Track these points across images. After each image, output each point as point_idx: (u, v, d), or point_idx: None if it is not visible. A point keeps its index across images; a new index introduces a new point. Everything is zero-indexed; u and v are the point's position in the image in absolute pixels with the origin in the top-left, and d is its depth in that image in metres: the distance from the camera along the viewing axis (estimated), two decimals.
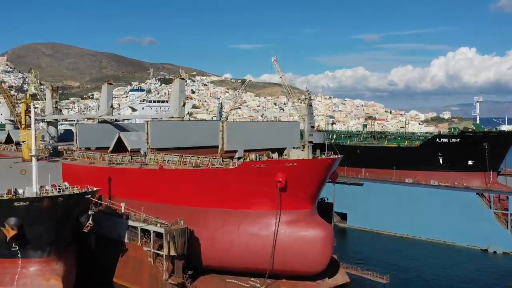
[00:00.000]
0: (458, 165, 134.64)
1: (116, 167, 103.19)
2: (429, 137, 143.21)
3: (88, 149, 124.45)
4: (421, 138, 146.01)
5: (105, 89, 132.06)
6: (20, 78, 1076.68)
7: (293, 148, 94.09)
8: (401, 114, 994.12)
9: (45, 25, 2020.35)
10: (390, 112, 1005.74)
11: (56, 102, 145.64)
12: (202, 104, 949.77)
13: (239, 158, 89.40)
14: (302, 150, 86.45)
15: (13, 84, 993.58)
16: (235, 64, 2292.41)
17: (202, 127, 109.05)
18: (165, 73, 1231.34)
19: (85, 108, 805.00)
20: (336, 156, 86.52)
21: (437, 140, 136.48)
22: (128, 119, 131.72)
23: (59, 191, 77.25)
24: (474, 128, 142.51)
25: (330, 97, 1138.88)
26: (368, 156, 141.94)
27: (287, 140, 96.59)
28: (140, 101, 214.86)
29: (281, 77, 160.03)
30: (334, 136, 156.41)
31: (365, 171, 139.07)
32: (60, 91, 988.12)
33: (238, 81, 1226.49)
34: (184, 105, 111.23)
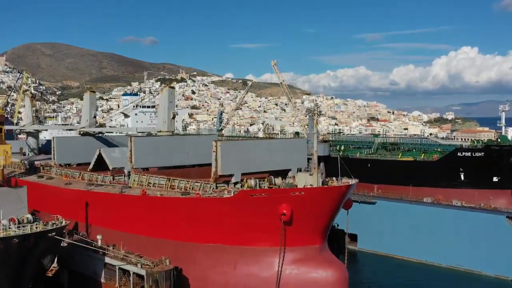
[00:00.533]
0: (481, 182, 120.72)
1: (94, 190, 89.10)
2: (449, 150, 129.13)
3: (69, 165, 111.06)
4: (438, 150, 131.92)
5: (87, 98, 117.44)
6: (19, 79, 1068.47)
7: (300, 171, 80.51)
8: (404, 115, 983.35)
9: (45, 25, 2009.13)
10: (393, 113, 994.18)
11: (36, 110, 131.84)
12: (203, 105, 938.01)
13: (235, 184, 75.76)
14: (311, 175, 72.66)
15: (12, 85, 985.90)
16: (237, 63, 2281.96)
17: (194, 143, 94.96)
18: (165, 73, 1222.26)
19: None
20: (351, 182, 73.05)
21: (458, 154, 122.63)
22: (110, 132, 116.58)
23: (18, 227, 63.15)
24: (499, 140, 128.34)
25: (332, 98, 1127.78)
26: (381, 170, 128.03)
27: (292, 161, 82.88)
28: (133, 106, 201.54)
29: (281, 82, 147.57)
30: (342, 148, 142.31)
31: (378, 188, 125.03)
32: (59, 92, 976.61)
33: (239, 81, 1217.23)
34: (174, 117, 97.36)
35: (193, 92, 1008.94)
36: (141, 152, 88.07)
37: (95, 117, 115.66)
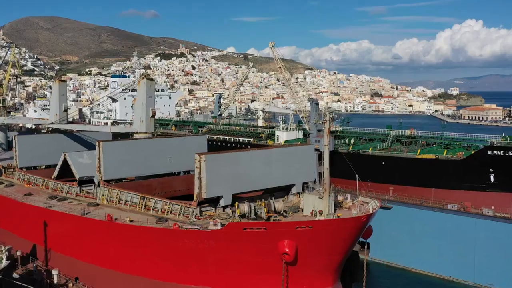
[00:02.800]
0: None
1: (54, 208, 72.53)
2: (475, 146, 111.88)
3: (35, 167, 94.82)
4: (463, 146, 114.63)
5: (56, 88, 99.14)
6: (16, 54, 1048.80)
7: (306, 187, 64.43)
8: (408, 90, 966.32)
9: None
10: (396, 88, 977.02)
11: (4, 100, 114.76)
12: (203, 81, 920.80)
13: (225, 208, 59.59)
14: (320, 197, 56.59)
15: (8, 60, 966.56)
16: (239, 37, 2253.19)
17: (178, 146, 78.33)
18: (165, 47, 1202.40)
19: (79, 86, 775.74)
20: (372, 209, 57.26)
21: (488, 152, 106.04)
22: (82, 130, 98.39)
23: None
24: None
25: (334, 73, 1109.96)
26: (397, 170, 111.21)
27: (296, 174, 66.54)
28: (122, 89, 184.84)
29: (279, 67, 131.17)
30: (352, 141, 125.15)
31: (394, 190, 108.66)
32: (57, 67, 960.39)
33: (240, 56, 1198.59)
34: (153, 115, 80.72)
35: (193, 68, 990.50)
36: (112, 160, 71.64)
37: (66, 110, 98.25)
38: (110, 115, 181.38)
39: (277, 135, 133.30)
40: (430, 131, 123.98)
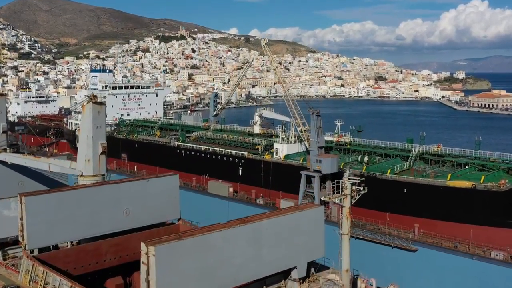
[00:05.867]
0: None
1: None
2: None
3: None
4: (502, 169, 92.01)
5: None
6: (13, 36, 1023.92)
7: (313, 266, 43.61)
8: (413, 74, 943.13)
9: None
10: (401, 72, 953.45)
11: None
12: (203, 64, 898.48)
13: None
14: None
15: (6, 42, 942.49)
16: (241, 18, 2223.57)
17: (137, 192, 57.22)
18: (165, 29, 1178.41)
19: (75, 71, 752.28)
20: None
21: None
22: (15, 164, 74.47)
23: None
24: None
25: (338, 55, 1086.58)
26: (423, 200, 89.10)
27: (297, 251, 45.40)
28: (103, 86, 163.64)
29: (274, 69, 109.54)
30: (365, 160, 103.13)
31: (420, 226, 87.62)
32: (55, 49, 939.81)
33: (241, 39, 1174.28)
34: (104, 152, 59.33)
35: (193, 51, 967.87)
36: (40, 221, 50.31)
37: (5, 132, 76.24)
38: None
39: (276, 149, 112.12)
40: (460, 148, 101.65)
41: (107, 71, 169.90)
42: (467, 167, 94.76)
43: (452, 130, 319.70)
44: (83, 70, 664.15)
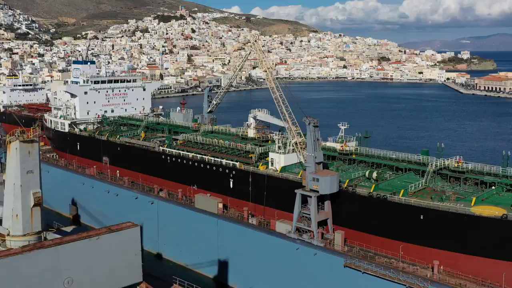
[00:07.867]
0: None
1: None
2: None
3: None
4: None
5: None
6: (10, 16, 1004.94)
7: None
8: (416, 54, 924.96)
9: None
10: (404, 52, 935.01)
11: None
12: (203, 45, 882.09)
13: None
14: None
15: (2, 22, 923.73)
16: None
17: (83, 256, 43.81)
18: (165, 8, 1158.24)
19: (72, 52, 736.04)
20: None
21: None
22: None
23: None
24: None
25: (340, 35, 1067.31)
26: (444, 229, 75.38)
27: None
28: (84, 80, 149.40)
29: (265, 71, 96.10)
30: (374, 175, 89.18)
31: (440, 262, 74.20)
32: (53, 29, 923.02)
33: (242, 18, 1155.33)
34: (38, 203, 45.64)
35: (193, 31, 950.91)
36: None
37: None
38: (68, 114, 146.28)
39: (272, 159, 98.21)
40: (484, 163, 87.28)
41: (89, 63, 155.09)
42: (493, 187, 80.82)
43: (459, 118, 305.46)
44: (79, 52, 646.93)
